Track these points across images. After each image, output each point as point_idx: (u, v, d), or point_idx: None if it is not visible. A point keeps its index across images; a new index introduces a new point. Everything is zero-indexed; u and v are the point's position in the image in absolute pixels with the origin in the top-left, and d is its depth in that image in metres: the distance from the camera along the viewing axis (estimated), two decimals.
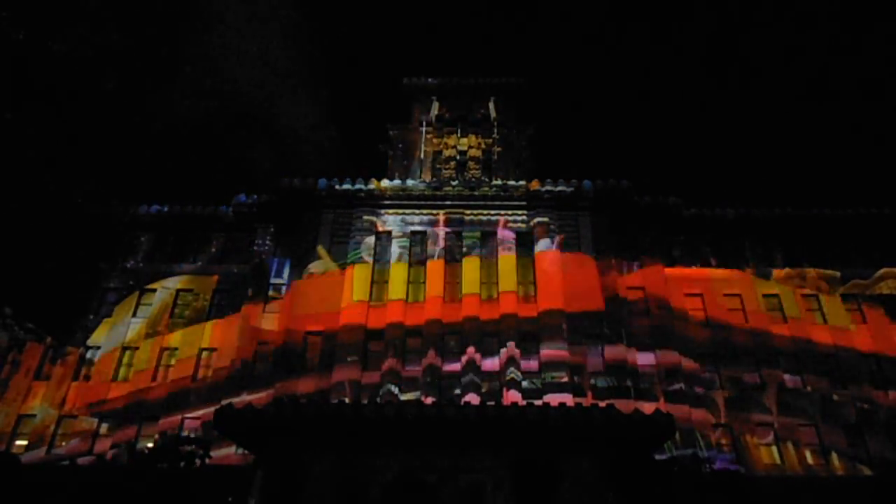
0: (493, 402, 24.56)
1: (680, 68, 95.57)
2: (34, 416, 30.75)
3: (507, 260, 33.87)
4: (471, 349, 30.91)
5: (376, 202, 35.54)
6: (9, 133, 18.50)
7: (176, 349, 32.73)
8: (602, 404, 20.34)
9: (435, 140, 40.38)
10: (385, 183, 35.83)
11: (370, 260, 33.68)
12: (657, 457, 23.23)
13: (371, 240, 34.31)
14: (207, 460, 21.37)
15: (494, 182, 36.26)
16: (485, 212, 35.33)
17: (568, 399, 27.57)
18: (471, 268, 33.61)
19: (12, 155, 18.67)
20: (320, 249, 33.81)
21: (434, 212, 35.41)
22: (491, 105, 42.35)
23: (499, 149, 39.76)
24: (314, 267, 33.31)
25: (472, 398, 29.09)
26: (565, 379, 29.71)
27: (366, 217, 35.05)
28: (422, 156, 39.49)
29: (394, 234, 34.95)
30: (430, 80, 43.76)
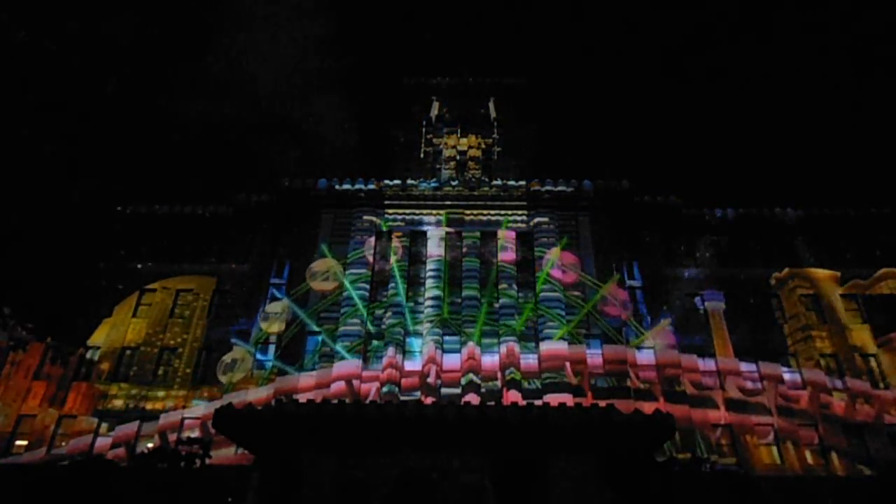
0: (493, 402, 24.55)
1: (680, 68, 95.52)
2: (34, 416, 30.75)
3: (507, 260, 33.92)
4: (471, 349, 30.91)
5: (376, 202, 35.55)
6: (7, 133, 18.48)
7: (176, 349, 32.79)
8: (602, 404, 20.33)
9: (435, 140, 40.39)
10: (385, 183, 35.84)
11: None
12: (657, 457, 23.20)
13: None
14: (207, 460, 21.35)
15: (494, 182, 36.28)
16: (485, 212, 35.35)
17: (568, 399, 27.55)
18: (471, 267, 33.64)
19: (11, 155, 18.65)
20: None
21: (434, 212, 35.44)
22: (491, 105, 42.36)
23: (499, 149, 39.78)
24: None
25: (472, 398, 29.08)
26: (565, 379, 29.73)
27: (366, 217, 35.07)
28: (422, 156, 39.49)
29: (394, 234, 34.99)
30: (430, 80, 43.79)
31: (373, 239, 34.56)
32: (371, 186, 35.59)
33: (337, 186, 35.61)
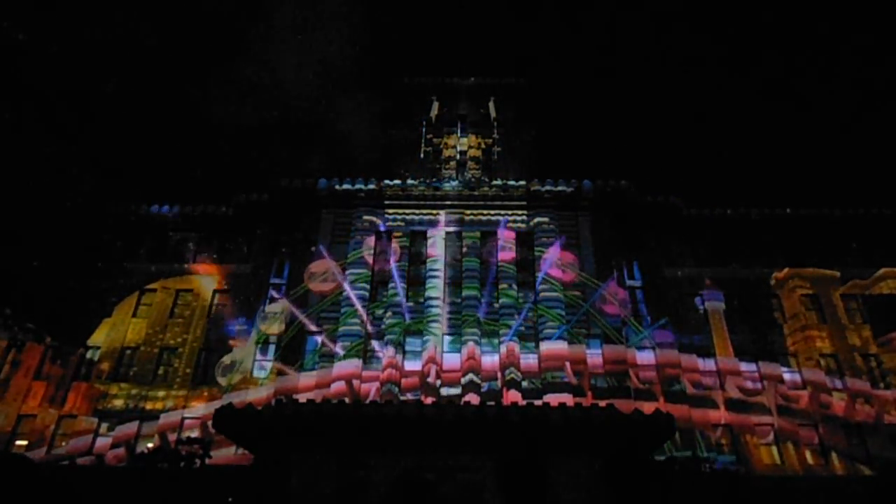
0: (493, 402, 24.55)
1: (680, 68, 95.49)
2: (34, 416, 30.77)
3: (507, 259, 33.93)
4: (471, 349, 30.92)
5: (376, 202, 35.55)
6: (8, 133, 18.49)
7: (176, 349, 32.81)
8: (602, 404, 20.34)
9: (435, 140, 40.36)
10: (385, 183, 35.82)
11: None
12: (657, 457, 23.22)
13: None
14: (207, 460, 21.36)
15: (494, 182, 36.27)
16: (485, 212, 35.34)
17: (568, 399, 27.57)
18: (471, 267, 33.64)
19: (12, 155, 18.66)
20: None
21: (434, 212, 35.43)
22: (491, 105, 42.29)
23: (499, 149, 39.74)
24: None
25: (472, 398, 29.09)
26: (565, 379, 29.77)
27: (366, 217, 35.07)
28: (422, 156, 39.47)
29: (394, 234, 34.98)
30: (430, 80, 43.75)
31: (373, 239, 34.55)
32: (371, 186, 35.58)
33: (337, 186, 35.60)
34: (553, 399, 25.70)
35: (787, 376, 31.49)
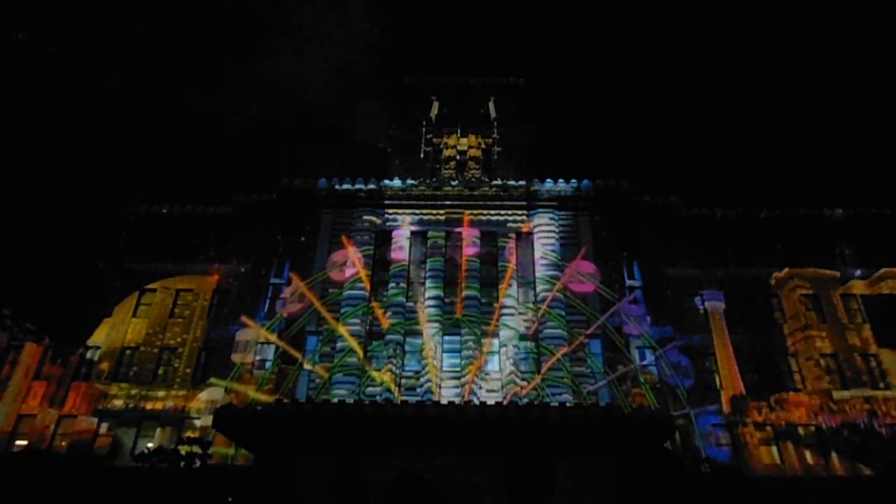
0: (493, 402, 24.54)
1: (680, 68, 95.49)
2: (34, 416, 30.76)
3: (506, 259, 33.94)
4: (471, 349, 30.92)
5: (376, 202, 35.56)
6: (8, 133, 18.49)
7: (176, 349, 32.80)
8: (602, 404, 20.39)
9: (435, 140, 40.35)
10: (385, 183, 35.83)
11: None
12: (657, 456, 23.23)
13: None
14: (207, 460, 21.36)
15: (494, 182, 36.28)
16: (485, 212, 35.35)
17: (568, 399, 27.62)
18: (471, 267, 33.64)
19: (11, 154, 18.66)
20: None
21: (434, 212, 35.44)
22: (491, 105, 42.28)
23: (499, 149, 39.72)
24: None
25: (472, 398, 29.10)
26: (566, 378, 29.77)
27: (366, 217, 35.08)
28: (422, 156, 39.46)
29: (394, 234, 34.98)
30: (430, 80, 43.74)
31: (372, 239, 34.56)
32: (371, 186, 35.61)
33: (337, 186, 35.63)
34: (553, 399, 25.74)
35: (786, 376, 31.49)
